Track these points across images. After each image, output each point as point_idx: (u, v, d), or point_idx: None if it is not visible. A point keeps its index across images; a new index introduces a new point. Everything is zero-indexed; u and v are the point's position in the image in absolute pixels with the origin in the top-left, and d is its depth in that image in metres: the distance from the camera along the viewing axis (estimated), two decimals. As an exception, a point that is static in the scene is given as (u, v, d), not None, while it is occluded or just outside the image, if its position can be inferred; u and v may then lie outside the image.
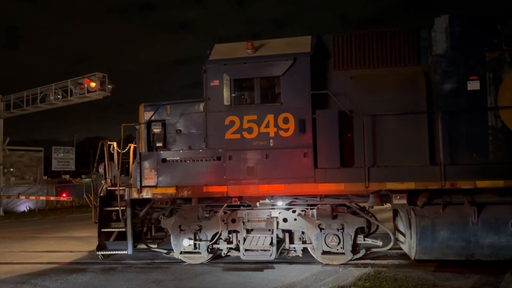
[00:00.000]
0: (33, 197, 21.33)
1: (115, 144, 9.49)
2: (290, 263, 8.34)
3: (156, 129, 8.90)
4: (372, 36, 8.21)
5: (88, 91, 17.02)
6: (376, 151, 7.80)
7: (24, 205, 22.01)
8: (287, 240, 8.34)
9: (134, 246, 8.76)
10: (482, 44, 7.79)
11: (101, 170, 9.11)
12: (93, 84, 16.79)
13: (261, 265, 8.13)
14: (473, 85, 7.81)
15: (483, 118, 7.68)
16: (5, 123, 21.94)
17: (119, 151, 9.07)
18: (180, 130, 8.82)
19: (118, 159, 9.08)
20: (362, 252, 8.18)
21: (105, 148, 9.11)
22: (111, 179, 9.01)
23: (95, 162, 9.06)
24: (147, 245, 8.90)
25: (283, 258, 8.48)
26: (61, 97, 18.27)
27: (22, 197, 21.13)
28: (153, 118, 8.84)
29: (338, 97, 8.14)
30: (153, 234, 9.33)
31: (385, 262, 8.07)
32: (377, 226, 8.55)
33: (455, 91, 7.82)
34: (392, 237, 8.06)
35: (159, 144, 8.86)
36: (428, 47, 8.04)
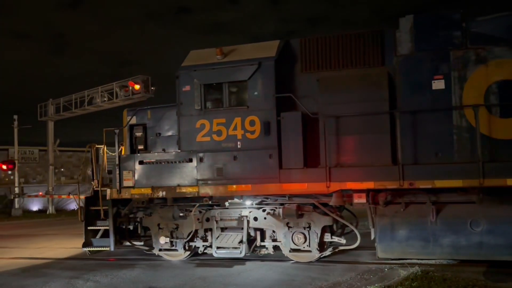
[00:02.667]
0: (82, 196, 22.29)
1: (104, 147, 10.06)
2: (262, 260, 8.65)
3: (138, 133, 9.42)
4: (337, 38, 8.38)
5: (133, 93, 18.10)
6: (340, 151, 7.97)
7: (73, 204, 23.00)
8: (258, 238, 8.64)
9: (120, 243, 9.33)
10: (447, 43, 7.79)
11: (89, 172, 9.71)
12: (137, 86, 17.84)
13: (305, 265, 8.13)
14: (438, 84, 7.83)
15: (448, 117, 7.70)
16: (54, 125, 23.33)
17: (110, 153, 9.65)
18: (159, 134, 9.29)
19: (102, 161, 9.63)
20: (329, 251, 8.38)
21: (92, 151, 9.68)
22: (98, 180, 9.59)
23: (82, 165, 9.65)
24: (130, 242, 9.42)
25: (255, 255, 8.79)
26: (107, 99, 19.42)
27: (71, 196, 22.10)
28: (135, 122, 9.35)
29: (305, 99, 8.38)
30: (139, 231, 9.84)
31: (432, 261, 7.78)
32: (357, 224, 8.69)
33: (420, 91, 7.86)
34: (358, 236, 8.21)
35: (140, 147, 9.37)
36: (393, 48, 8.12)
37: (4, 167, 24.40)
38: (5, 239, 13.54)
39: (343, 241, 8.19)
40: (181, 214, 8.78)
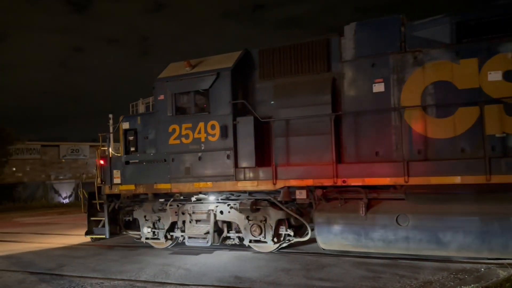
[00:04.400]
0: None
1: (109, 148, 11.60)
2: (230, 250, 9.62)
3: (130, 137, 10.80)
4: (290, 48, 9.07)
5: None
6: (288, 152, 8.69)
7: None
8: (225, 230, 9.61)
9: (120, 231, 10.82)
10: (387, 47, 8.19)
11: (94, 170, 11.29)
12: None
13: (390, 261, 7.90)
14: (378, 87, 8.26)
15: (388, 118, 8.11)
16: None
17: (114, 154, 11.17)
18: (147, 137, 10.58)
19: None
20: (286, 242, 9.12)
21: (97, 152, 11.26)
22: (101, 178, 11.14)
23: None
24: (125, 231, 10.86)
25: (223, 245, 9.77)
26: None
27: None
28: (128, 127, 10.75)
29: (263, 104, 9.22)
30: (137, 223, 11.23)
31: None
32: None
33: (362, 94, 8.35)
34: (308, 228, 8.87)
35: (132, 149, 10.74)
36: (338, 54, 8.65)
37: (102, 162, 27.30)
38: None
39: (292, 233, 8.90)
40: (159, 208, 10.01)
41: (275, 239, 8.99)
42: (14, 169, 33.87)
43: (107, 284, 7.24)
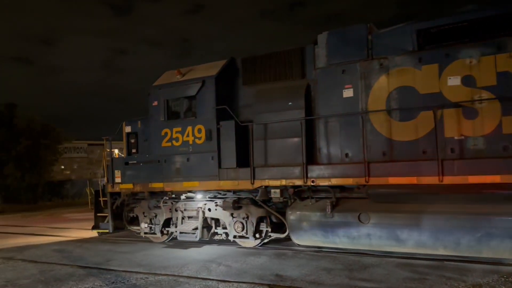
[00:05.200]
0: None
1: (116, 150, 12.61)
2: (219, 244, 10.33)
3: (132, 139, 11.73)
4: (270, 56, 9.68)
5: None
6: (266, 153, 9.31)
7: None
8: (213, 226, 10.34)
9: (121, 227, 11.77)
10: (355, 55, 8.66)
11: (101, 171, 12.31)
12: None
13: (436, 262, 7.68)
14: (348, 92, 8.75)
15: (356, 122, 8.58)
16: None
17: (121, 155, 12.16)
18: (146, 139, 11.46)
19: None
20: (268, 238, 9.74)
21: (103, 154, 12.26)
22: (106, 177, 12.14)
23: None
24: (128, 226, 11.80)
25: (212, 240, 10.50)
26: None
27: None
28: (130, 130, 11.69)
29: (246, 108, 9.89)
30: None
31: None
32: None
33: (333, 99, 8.85)
34: (287, 225, 9.44)
35: (133, 151, 11.67)
36: (312, 61, 9.18)
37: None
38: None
39: (269, 229, 9.52)
40: (155, 205, 10.87)
41: (257, 235, 9.64)
42: (62, 167, 36.09)
43: (151, 279, 7.37)
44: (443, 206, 7.41)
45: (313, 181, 8.52)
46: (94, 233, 12.42)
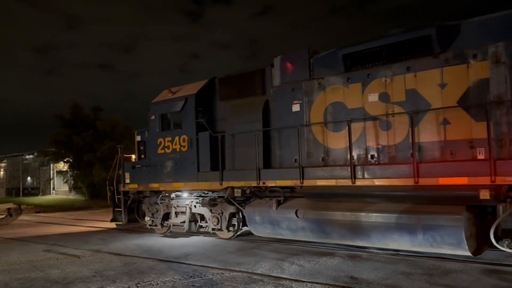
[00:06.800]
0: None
1: (132, 156, 14.98)
2: (204, 235, 12.24)
3: (141, 147, 14.00)
4: (240, 76, 11.40)
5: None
6: (234, 159, 11.08)
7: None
8: (199, 220, 12.26)
9: (134, 220, 14.08)
10: (301, 75, 10.19)
11: (112, 173, 14.72)
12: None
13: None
14: (296, 107, 10.28)
15: (302, 132, 10.08)
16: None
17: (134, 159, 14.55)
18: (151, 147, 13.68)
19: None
20: (240, 230, 11.49)
21: (118, 158, 14.61)
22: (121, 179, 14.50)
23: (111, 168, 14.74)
24: (139, 220, 14.08)
25: (198, 232, 12.42)
26: None
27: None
28: (139, 139, 13.98)
29: (222, 121, 11.72)
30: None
31: None
32: None
33: (285, 113, 10.42)
34: (246, 219, 11.08)
35: (142, 156, 13.92)
36: (270, 81, 10.80)
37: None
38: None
39: (236, 223, 11.25)
40: (154, 202, 13.02)
41: (230, 228, 11.43)
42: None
43: (227, 274, 7.48)
44: (357, 204, 8.76)
45: (264, 183, 10.16)
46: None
